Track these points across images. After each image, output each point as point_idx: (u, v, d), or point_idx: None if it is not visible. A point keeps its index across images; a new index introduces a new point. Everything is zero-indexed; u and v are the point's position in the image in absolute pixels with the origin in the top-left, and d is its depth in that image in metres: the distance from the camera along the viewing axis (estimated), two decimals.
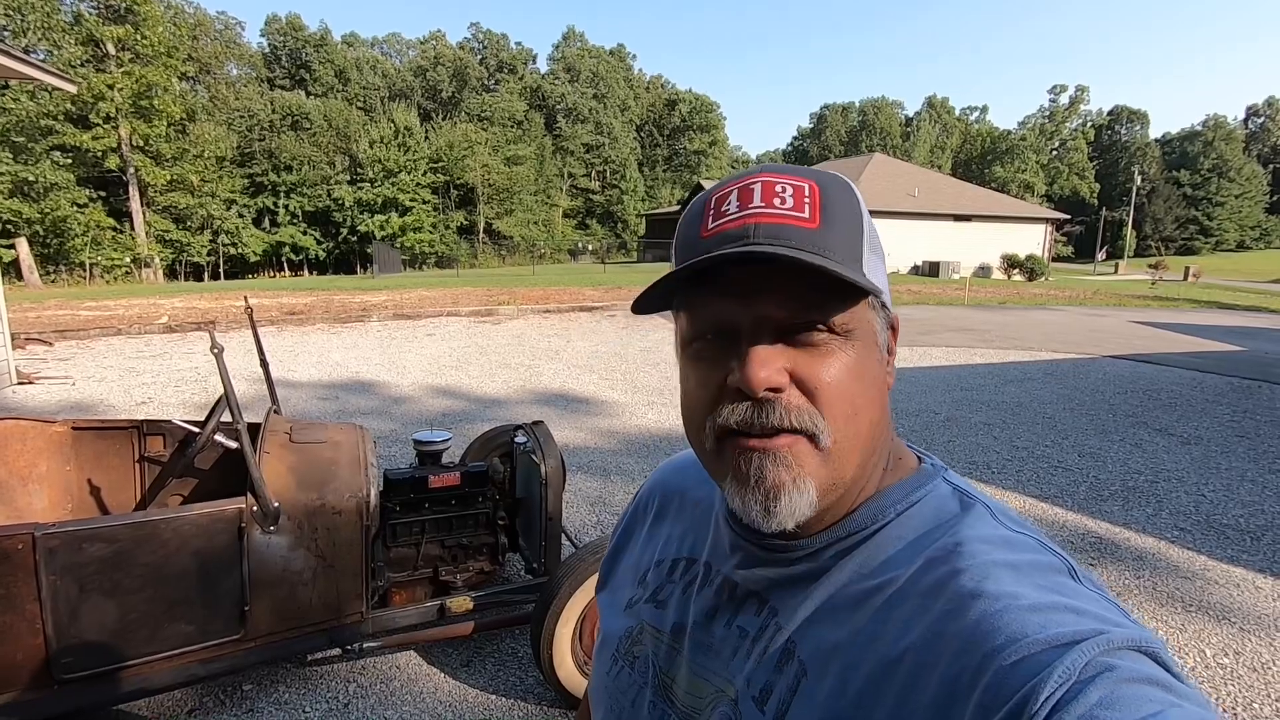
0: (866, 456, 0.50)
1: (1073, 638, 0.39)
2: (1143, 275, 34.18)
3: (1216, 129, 68.37)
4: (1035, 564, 0.46)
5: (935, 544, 0.48)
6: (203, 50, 42.16)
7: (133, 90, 31.93)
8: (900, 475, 0.54)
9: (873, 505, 0.52)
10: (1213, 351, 10.41)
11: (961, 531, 0.48)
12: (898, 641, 0.45)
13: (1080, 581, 0.45)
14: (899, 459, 0.55)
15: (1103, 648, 0.38)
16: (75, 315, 12.02)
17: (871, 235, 0.50)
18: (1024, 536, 0.49)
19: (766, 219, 0.47)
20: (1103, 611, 0.42)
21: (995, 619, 0.41)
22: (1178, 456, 5.19)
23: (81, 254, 30.67)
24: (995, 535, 0.48)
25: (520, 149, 49.86)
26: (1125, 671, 0.38)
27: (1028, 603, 0.42)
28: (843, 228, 0.48)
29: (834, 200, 0.49)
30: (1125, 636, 0.39)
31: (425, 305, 13.72)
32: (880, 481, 0.53)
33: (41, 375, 7.23)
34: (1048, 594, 0.43)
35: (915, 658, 0.43)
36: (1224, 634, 2.90)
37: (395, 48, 60.56)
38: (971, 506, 0.51)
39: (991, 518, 0.50)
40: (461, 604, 2.51)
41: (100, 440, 2.72)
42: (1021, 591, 0.43)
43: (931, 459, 0.57)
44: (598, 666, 0.67)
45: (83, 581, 1.86)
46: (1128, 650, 0.39)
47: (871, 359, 0.49)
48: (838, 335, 0.48)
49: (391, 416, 5.96)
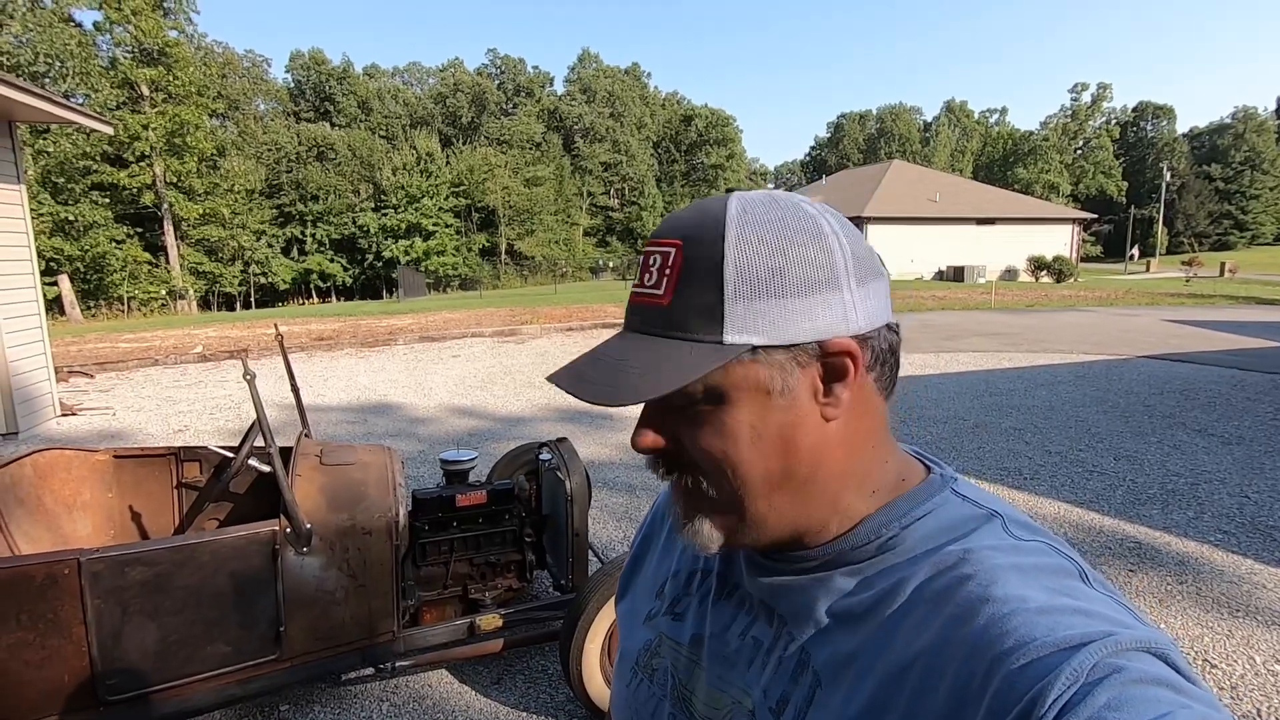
0: (783, 498, 0.50)
1: (1081, 640, 0.39)
2: (1176, 273, 33.34)
3: (1247, 120, 66.70)
4: (1044, 567, 0.46)
5: (943, 552, 0.48)
6: (231, 88, 43.54)
7: (166, 129, 33.13)
8: (905, 489, 0.53)
9: (876, 519, 0.52)
10: (1252, 349, 10.10)
11: (970, 540, 0.48)
12: (908, 648, 0.45)
13: (1091, 584, 0.45)
14: (902, 476, 0.54)
15: (1111, 649, 0.38)
16: (115, 347, 12.40)
17: (771, 274, 0.47)
18: (1034, 542, 0.48)
19: (635, 300, 0.52)
20: (1113, 614, 0.42)
21: (1003, 623, 0.41)
22: (1219, 457, 5.04)
23: (120, 288, 31.72)
24: (1004, 543, 0.48)
25: (539, 170, 50.51)
26: (1133, 673, 0.37)
27: (1036, 606, 0.42)
28: (702, 289, 0.47)
29: (698, 257, 0.47)
30: (1133, 638, 0.39)
31: (450, 327, 13.91)
32: (881, 498, 0.53)
33: (83, 407, 7.47)
34: (1057, 597, 0.43)
35: (925, 664, 0.43)
36: (1274, 640, 2.80)
37: (416, 76, 61.92)
38: (981, 515, 0.51)
39: (1001, 527, 0.49)
40: (491, 621, 2.53)
41: (140, 468, 2.81)
42: (1030, 595, 0.43)
43: (942, 469, 0.56)
44: (618, 679, 0.67)
45: (125, 604, 1.92)
46: (1136, 651, 0.39)
47: (757, 413, 0.48)
48: (706, 401, 0.49)
49: (418, 437, 6.04)
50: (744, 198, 0.50)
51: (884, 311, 0.51)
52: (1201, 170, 65.19)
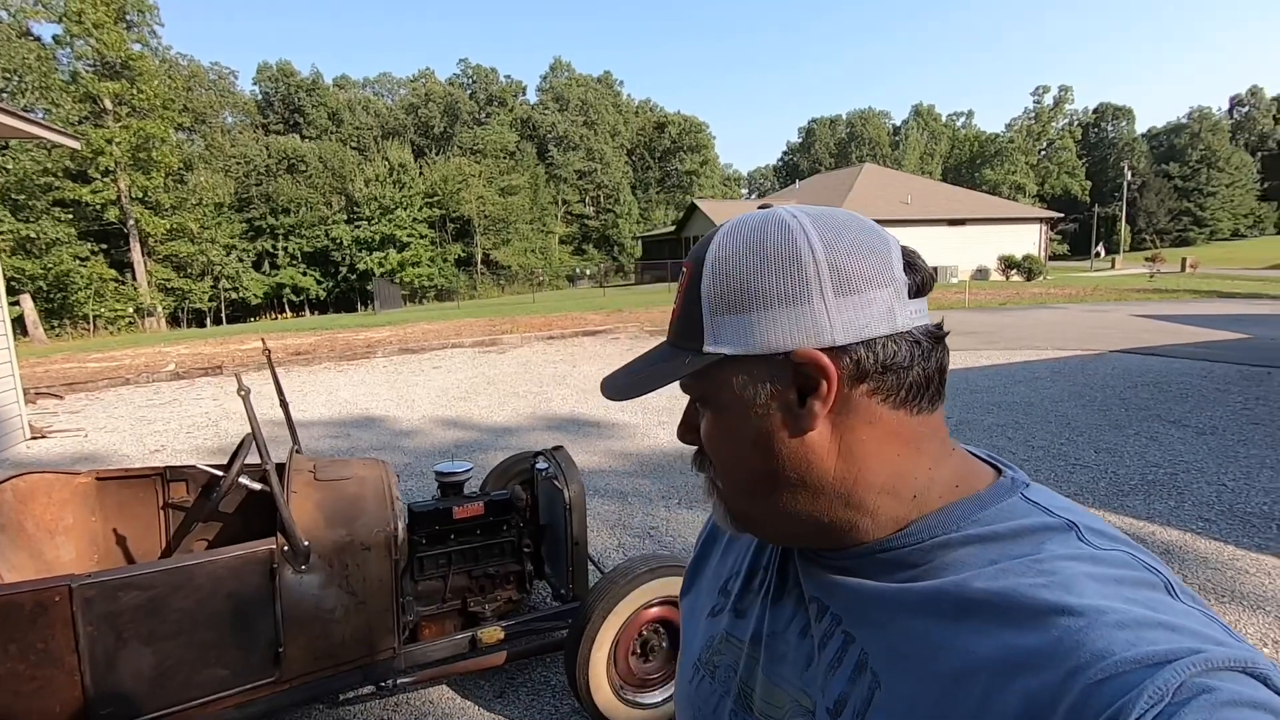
0: (775, 499, 0.53)
1: (1165, 656, 0.36)
2: (1140, 269, 34.22)
3: (1202, 120, 68.90)
4: (1125, 579, 0.43)
5: (1010, 559, 0.46)
6: (198, 100, 42.87)
7: (131, 144, 32.48)
8: (965, 493, 0.52)
9: (930, 520, 0.50)
10: (1218, 341, 10.41)
11: (1043, 547, 0.46)
12: (971, 655, 0.43)
13: (1177, 597, 0.42)
14: (956, 482, 0.53)
15: (1200, 667, 0.35)
16: (83, 367, 12.08)
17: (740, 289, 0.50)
18: (1115, 552, 0.45)
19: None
20: (1202, 629, 0.39)
21: (1079, 634, 0.39)
22: (1195, 447, 5.17)
23: (85, 307, 30.93)
24: (1081, 551, 0.45)
25: (514, 179, 50.40)
26: (1225, 694, 0.34)
27: (1115, 619, 0.39)
28: (694, 305, 0.53)
29: (696, 276, 0.53)
30: (1226, 656, 0.36)
31: (429, 338, 13.78)
32: (930, 503, 0.51)
33: (54, 429, 7.25)
34: (1139, 609, 0.40)
35: (991, 671, 0.41)
36: (1261, 623, 2.88)
37: (386, 87, 61.50)
38: (1055, 523, 0.48)
39: (1077, 536, 0.47)
40: (492, 634, 2.50)
41: (124, 489, 2.73)
42: (1109, 606, 0.40)
43: (1014, 473, 0.54)
44: (680, 675, 0.67)
45: (119, 630, 1.86)
46: (1229, 671, 0.36)
47: (737, 418, 0.52)
48: (704, 405, 0.55)
49: (404, 450, 5.96)
50: (738, 218, 0.54)
51: (881, 322, 0.49)
52: (1161, 169, 67.14)
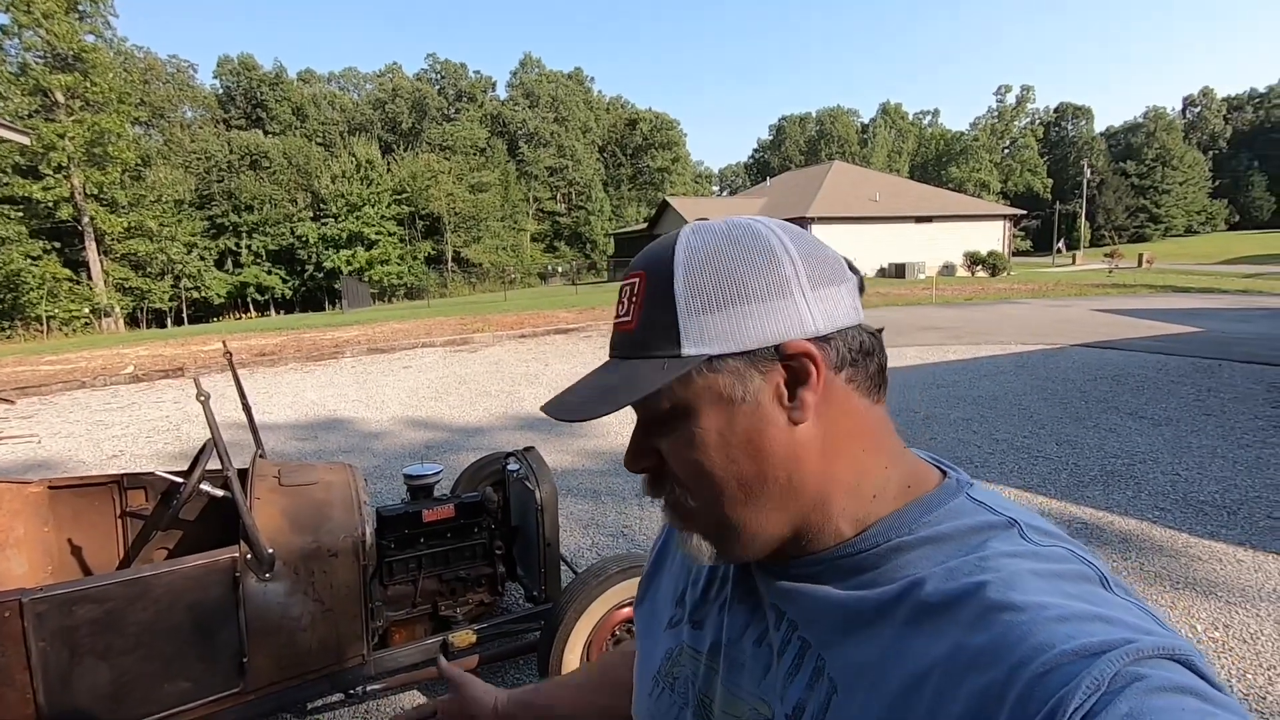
0: (761, 504, 0.51)
1: (1101, 647, 0.38)
2: (1100, 265, 35.20)
3: (1157, 120, 71.10)
4: (1063, 573, 0.45)
5: (958, 558, 0.47)
6: (155, 94, 41.67)
7: (84, 138, 31.37)
8: (916, 494, 0.53)
9: (885, 523, 0.51)
10: (1173, 334, 10.75)
11: (987, 545, 0.48)
12: (924, 656, 0.44)
13: (1112, 590, 0.45)
14: (909, 482, 0.54)
15: (1132, 656, 0.37)
16: (35, 370, 11.66)
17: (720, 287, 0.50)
18: (1053, 547, 0.48)
19: (613, 331, 0.56)
20: (1134, 620, 0.41)
21: (1022, 629, 0.40)
22: (1151, 438, 5.34)
23: (38, 307, 29.84)
24: (1022, 548, 0.47)
25: (484, 176, 49.92)
26: (1156, 680, 0.37)
27: (1055, 613, 0.41)
28: (661, 311, 0.51)
29: (657, 282, 0.51)
30: (1155, 644, 0.38)
31: (399, 337, 13.58)
32: (886, 504, 0.52)
33: (4, 435, 7.00)
34: (1077, 603, 0.42)
35: (942, 672, 0.43)
36: (1212, 608, 2.98)
37: (352, 82, 60.38)
38: (997, 521, 0.50)
39: (1019, 533, 0.49)
40: (464, 638, 2.48)
41: (78, 498, 2.64)
42: (1049, 601, 0.42)
43: (958, 474, 0.56)
44: (639, 688, 0.67)
45: (74, 646, 1.80)
46: (1159, 659, 0.38)
47: (723, 420, 0.50)
48: (676, 416, 0.52)
49: (373, 452, 5.87)
50: (696, 224, 0.53)
51: (849, 314, 0.52)
52: (1118, 167, 69.12)
